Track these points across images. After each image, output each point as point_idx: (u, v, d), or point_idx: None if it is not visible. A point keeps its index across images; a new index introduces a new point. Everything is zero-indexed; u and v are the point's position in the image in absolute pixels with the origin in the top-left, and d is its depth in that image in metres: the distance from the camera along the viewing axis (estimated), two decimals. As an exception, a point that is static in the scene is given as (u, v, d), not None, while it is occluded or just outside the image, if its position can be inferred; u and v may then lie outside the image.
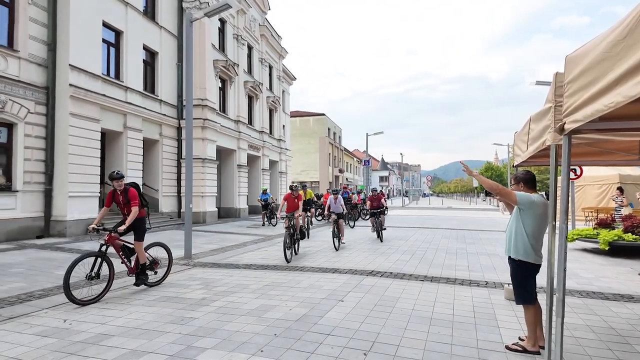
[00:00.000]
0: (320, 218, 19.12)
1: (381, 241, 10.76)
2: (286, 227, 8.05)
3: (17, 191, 11.05)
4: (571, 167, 9.49)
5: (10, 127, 11.05)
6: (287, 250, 7.68)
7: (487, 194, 4.03)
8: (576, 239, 9.35)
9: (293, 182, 9.22)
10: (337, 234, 9.65)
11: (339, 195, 10.47)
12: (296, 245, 8.51)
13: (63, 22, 11.96)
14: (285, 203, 8.78)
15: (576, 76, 2.28)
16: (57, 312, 4.57)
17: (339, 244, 9.62)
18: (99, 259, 5.07)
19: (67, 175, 11.80)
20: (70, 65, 11.89)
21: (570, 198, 10.53)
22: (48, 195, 11.75)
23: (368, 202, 11.71)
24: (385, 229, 11.56)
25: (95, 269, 4.99)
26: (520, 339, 3.61)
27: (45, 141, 11.79)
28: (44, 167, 11.73)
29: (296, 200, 8.75)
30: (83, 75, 12.36)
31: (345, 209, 11.14)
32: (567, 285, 5.44)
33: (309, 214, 12.18)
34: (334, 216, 9.86)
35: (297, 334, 3.83)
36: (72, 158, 11.95)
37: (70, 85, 11.87)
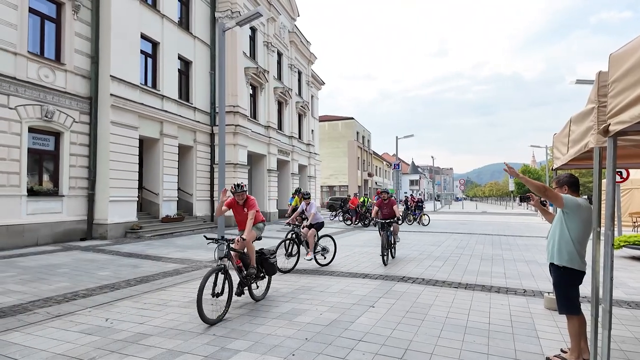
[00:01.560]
0: (349, 223, 19.05)
1: (385, 263, 7.75)
2: (221, 257, 4.65)
3: (63, 196, 11.74)
4: (617, 170, 8.99)
5: (57, 135, 11.78)
6: (202, 301, 4.10)
7: (522, 199, 3.86)
8: (623, 246, 8.82)
9: (238, 183, 5.21)
10: (298, 249, 7.44)
11: (312, 201, 8.37)
12: (247, 290, 5.11)
13: (105, 36, 12.65)
14: (230, 211, 5.37)
15: (621, 75, 2.16)
16: (100, 311, 4.80)
17: (295, 264, 7.32)
18: None
19: (108, 181, 12.42)
20: (111, 76, 12.54)
21: (616, 203, 9.95)
22: (91, 200, 12.40)
23: (375, 209, 8.64)
24: (397, 242, 8.86)
25: None
26: (562, 350, 3.44)
27: (89, 148, 12.47)
28: (87, 173, 12.40)
29: (245, 209, 5.24)
30: (123, 86, 12.99)
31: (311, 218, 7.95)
32: (614, 295, 5.14)
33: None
34: (305, 230, 7.63)
35: (328, 339, 3.83)
36: (113, 164, 12.57)
37: (111, 95, 12.51)
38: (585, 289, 3.28)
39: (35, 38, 11.29)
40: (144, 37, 14.35)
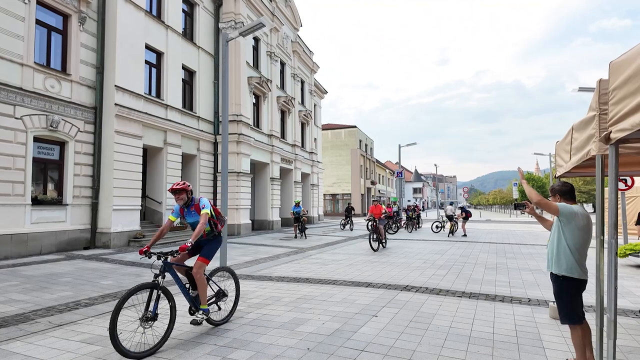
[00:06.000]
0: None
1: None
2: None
3: (67, 205, 11.79)
4: (622, 177, 8.92)
5: (62, 144, 11.88)
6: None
7: (517, 206, 3.86)
8: (629, 254, 8.70)
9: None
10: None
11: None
12: None
13: (110, 47, 12.82)
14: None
15: (622, 83, 2.16)
16: (102, 320, 4.78)
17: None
18: None
19: (111, 190, 12.48)
20: (115, 86, 12.68)
21: (621, 210, 9.86)
22: (94, 209, 12.45)
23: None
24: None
25: None
26: (568, 361, 3.39)
27: (93, 157, 12.56)
28: (91, 182, 12.47)
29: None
30: (127, 95, 13.12)
31: None
32: (620, 305, 5.07)
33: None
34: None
35: (330, 349, 3.80)
36: (117, 173, 12.64)
37: (116, 104, 12.63)
38: (590, 297, 3.24)
39: (41, 49, 11.45)
40: (148, 47, 14.52)
